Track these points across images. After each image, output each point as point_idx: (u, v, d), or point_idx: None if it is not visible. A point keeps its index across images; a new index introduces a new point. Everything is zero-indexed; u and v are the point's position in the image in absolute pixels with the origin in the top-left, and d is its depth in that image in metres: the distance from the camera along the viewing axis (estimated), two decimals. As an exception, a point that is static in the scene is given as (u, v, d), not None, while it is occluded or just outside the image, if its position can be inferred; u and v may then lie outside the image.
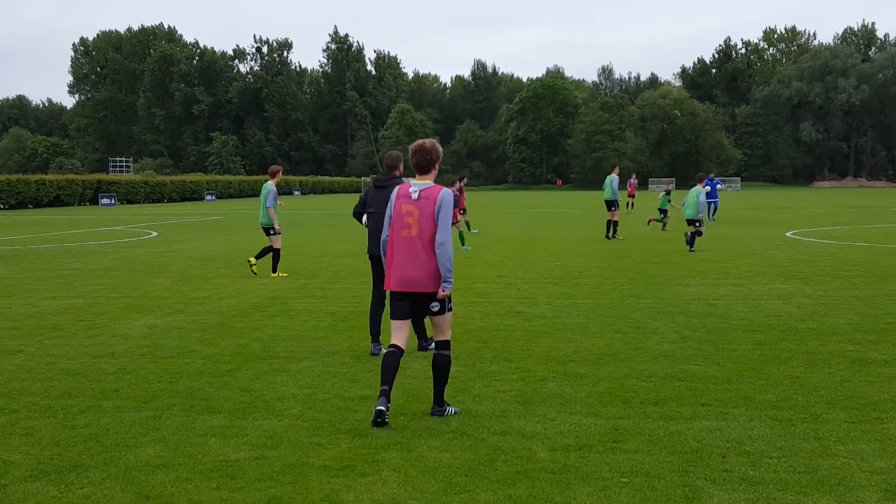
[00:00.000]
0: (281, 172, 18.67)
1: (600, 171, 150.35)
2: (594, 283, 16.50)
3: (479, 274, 18.19)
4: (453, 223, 19.32)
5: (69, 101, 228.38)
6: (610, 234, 28.70)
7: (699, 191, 24.36)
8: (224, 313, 13.28)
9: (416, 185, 7.45)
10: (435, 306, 7.41)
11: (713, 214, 40.75)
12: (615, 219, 28.78)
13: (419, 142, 7.63)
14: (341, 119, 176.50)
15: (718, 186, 42.77)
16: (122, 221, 44.55)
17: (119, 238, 31.24)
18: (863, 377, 8.65)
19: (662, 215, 33.93)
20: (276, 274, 18.27)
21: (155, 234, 33.76)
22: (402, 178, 9.84)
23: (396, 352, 7.40)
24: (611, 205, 28.65)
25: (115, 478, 5.99)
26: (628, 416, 7.35)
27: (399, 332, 7.50)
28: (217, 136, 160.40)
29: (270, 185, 18.17)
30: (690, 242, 23.42)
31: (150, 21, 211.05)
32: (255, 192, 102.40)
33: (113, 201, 71.82)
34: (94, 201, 72.60)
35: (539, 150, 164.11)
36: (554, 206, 66.09)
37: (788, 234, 29.98)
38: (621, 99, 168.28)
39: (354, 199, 59.21)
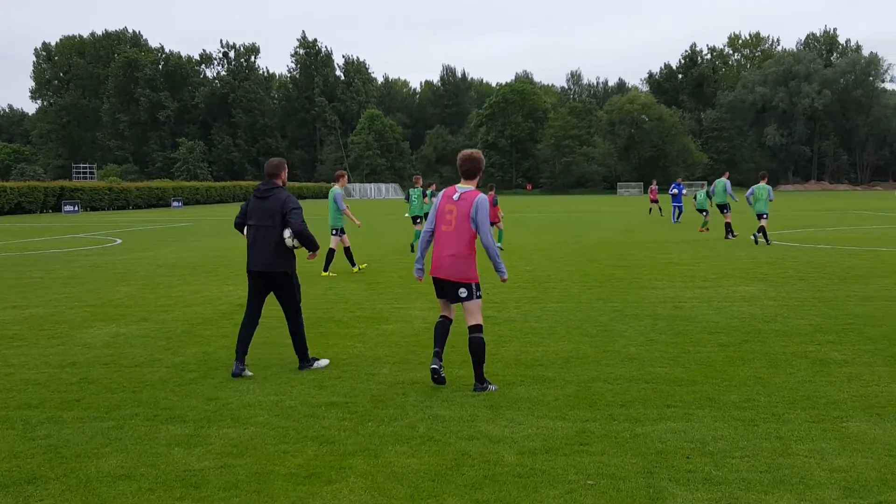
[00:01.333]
0: (346, 178, 20.17)
1: (569, 176, 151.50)
2: (563, 287, 16.56)
3: (446, 279, 18.19)
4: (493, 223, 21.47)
5: (31, 107, 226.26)
6: (729, 235, 29.86)
7: (766, 187, 26.71)
8: (190, 321, 13.21)
9: (459, 189, 8.72)
10: (463, 292, 8.60)
11: (678, 218, 41.49)
12: (727, 220, 30.17)
13: (469, 151, 8.86)
14: (310, 124, 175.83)
15: (684, 192, 43.46)
16: (86, 229, 44.18)
17: (82, 246, 30.98)
18: (823, 377, 8.75)
19: (703, 214, 35.47)
20: (329, 272, 19.28)
21: (119, 241, 33.50)
22: (285, 187, 9.63)
23: (445, 321, 8.87)
24: (723, 207, 30.42)
25: (75, 490, 5.91)
26: (595, 419, 7.39)
27: (445, 307, 8.94)
28: (183, 141, 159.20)
29: (337, 189, 19.43)
30: (763, 234, 26.17)
31: (114, 26, 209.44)
32: (222, 199, 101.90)
33: (76, 208, 71.22)
34: (57, 208, 71.87)
35: (509, 155, 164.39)
36: (524, 210, 66.19)
37: (753, 236, 30.17)
38: (590, 104, 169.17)
39: (323, 204, 58.99)
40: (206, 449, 6.77)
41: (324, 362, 9.69)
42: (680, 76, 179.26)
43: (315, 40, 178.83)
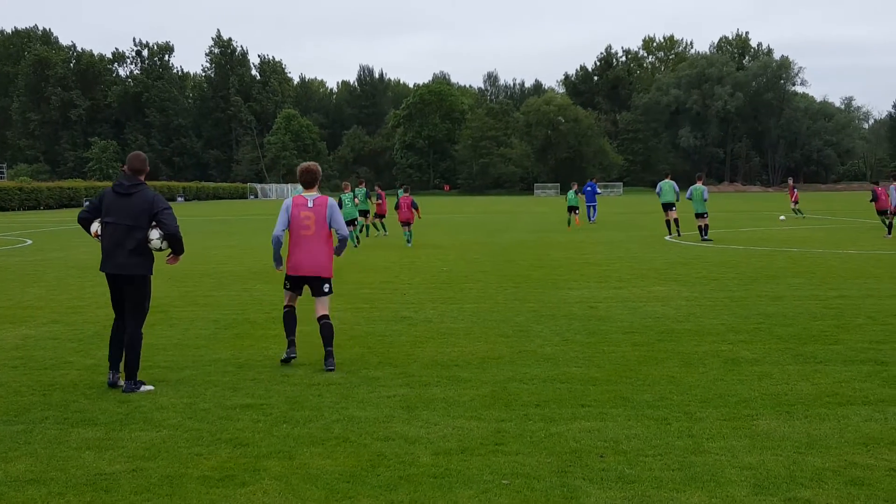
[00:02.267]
0: (349, 188, 23.95)
1: (487, 177, 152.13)
2: (480, 288, 16.64)
3: (365, 279, 18.17)
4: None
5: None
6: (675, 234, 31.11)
7: (702, 188, 29.40)
8: (102, 323, 12.93)
9: (308, 196, 9.87)
10: (326, 287, 9.91)
11: (593, 216, 42.52)
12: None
13: (307, 164, 10.10)
14: (226, 124, 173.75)
15: (598, 191, 44.48)
16: (-4, 229, 43.05)
17: (-8, 247, 30.20)
18: (735, 376, 8.93)
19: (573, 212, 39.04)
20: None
21: (30, 241, 32.75)
22: (147, 184, 9.00)
23: (293, 311, 10.13)
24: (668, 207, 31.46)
25: (-17, 494, 5.78)
26: (510, 419, 7.43)
27: (293, 299, 10.21)
28: (96, 141, 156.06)
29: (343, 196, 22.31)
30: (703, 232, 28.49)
31: (23, 23, 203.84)
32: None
33: (-15, 209, 69.40)
34: (-35, 209, 70.00)
35: (426, 155, 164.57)
36: (441, 211, 66.33)
37: (667, 237, 30.72)
38: (507, 105, 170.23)
39: (240, 205, 58.50)
40: (117, 452, 6.66)
41: (148, 388, 8.65)
42: (595, 78, 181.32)
43: (230, 39, 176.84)
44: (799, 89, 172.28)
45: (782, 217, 43.46)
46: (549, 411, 7.66)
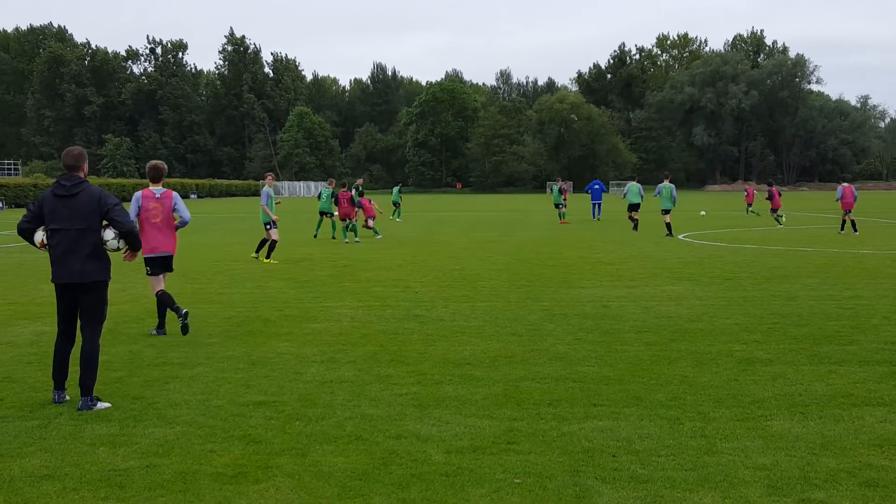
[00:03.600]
0: (272, 177, 23.82)
1: (499, 175, 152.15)
2: (492, 286, 16.63)
3: (377, 277, 18.18)
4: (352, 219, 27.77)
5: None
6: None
7: (670, 186, 30.98)
8: (116, 319, 12.98)
9: (156, 190, 11.67)
10: (172, 263, 11.95)
11: (598, 214, 45.11)
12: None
13: (154, 162, 11.79)
14: (238, 122, 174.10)
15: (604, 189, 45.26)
16: (10, 225, 43.18)
17: (6, 243, 30.31)
18: (748, 376, 8.90)
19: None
20: (269, 260, 21.92)
21: (44, 238, 32.78)
22: (87, 179, 8.20)
23: (165, 293, 11.69)
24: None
25: (-2, 490, 5.82)
26: (522, 418, 7.43)
27: (158, 283, 11.73)
28: (110, 138, 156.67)
29: (266, 188, 22.48)
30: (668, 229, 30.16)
31: (39, 20, 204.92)
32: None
33: (1, 205, 69.65)
34: (-19, 205, 70.30)
35: (439, 153, 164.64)
36: (453, 209, 66.37)
37: (680, 236, 30.67)
38: (519, 103, 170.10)
39: (253, 202, 58.53)
40: (131, 448, 6.68)
41: (105, 405, 7.94)
42: (609, 76, 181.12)
43: (243, 37, 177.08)
44: (814, 87, 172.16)
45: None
46: (561, 410, 7.66)
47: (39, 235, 8.25)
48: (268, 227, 21.97)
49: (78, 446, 6.75)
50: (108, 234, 8.14)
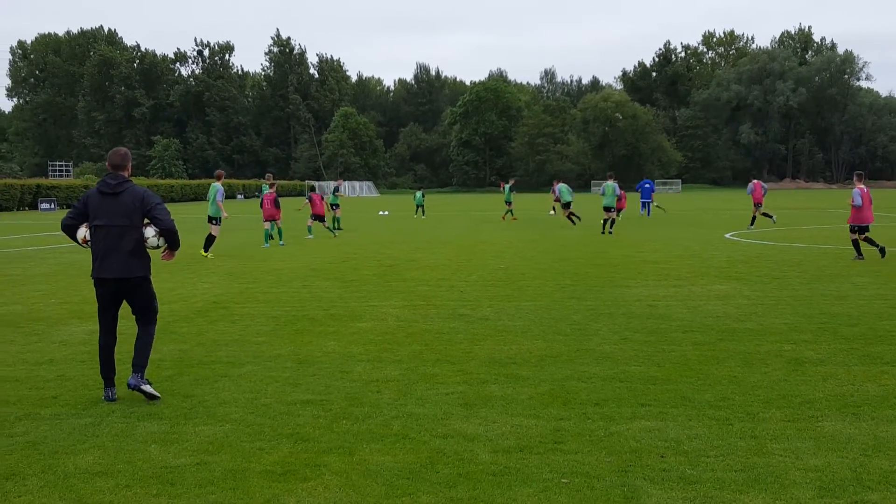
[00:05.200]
0: (224, 175, 25.09)
1: (543, 174, 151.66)
2: (537, 286, 16.60)
3: (422, 277, 18.22)
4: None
5: (7, 105, 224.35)
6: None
7: (613, 185, 32.65)
8: (166, 318, 13.13)
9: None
10: None
11: (647, 212, 46.64)
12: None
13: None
14: (284, 122, 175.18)
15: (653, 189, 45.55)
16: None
17: (59, 243, 30.73)
18: (798, 376, 8.81)
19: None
20: (207, 254, 23.03)
21: (94, 238, 33.23)
22: (132, 180, 8.54)
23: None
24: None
25: (53, 486, 5.92)
26: (569, 418, 7.42)
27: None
28: (158, 139, 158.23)
29: (219, 185, 24.03)
30: (610, 225, 31.75)
31: (89, 23, 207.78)
32: (197, 197, 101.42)
33: (52, 206, 70.71)
34: (34, 206, 71.36)
35: (482, 153, 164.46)
36: (497, 208, 66.18)
37: (727, 235, 30.41)
38: (563, 102, 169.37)
39: (297, 202, 58.88)
40: (182, 446, 6.77)
41: (153, 391, 8.23)
42: (654, 74, 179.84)
43: (289, 38, 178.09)
44: (863, 84, 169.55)
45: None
46: (608, 410, 7.63)
47: (82, 232, 8.47)
48: (213, 222, 23.92)
49: (130, 443, 6.85)
50: (149, 232, 8.35)
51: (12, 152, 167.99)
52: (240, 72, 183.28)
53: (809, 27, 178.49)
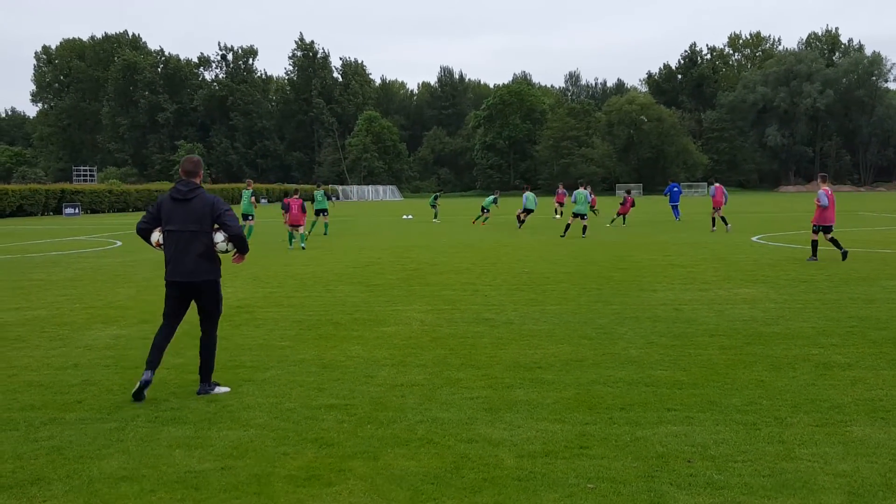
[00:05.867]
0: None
1: (568, 177, 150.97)
2: (561, 290, 16.53)
3: (446, 281, 18.19)
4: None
5: (32, 110, 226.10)
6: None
7: (584, 192, 34.03)
8: (189, 322, 13.05)
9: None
10: None
11: (678, 216, 46.52)
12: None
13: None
14: (308, 127, 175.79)
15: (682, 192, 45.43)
16: (86, 231, 44.16)
17: (83, 248, 30.97)
18: (827, 381, 8.72)
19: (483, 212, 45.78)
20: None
21: (119, 243, 33.48)
22: (203, 187, 8.82)
23: None
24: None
25: (78, 490, 5.93)
26: (595, 422, 7.37)
27: None
28: (182, 144, 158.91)
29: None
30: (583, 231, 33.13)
31: (113, 28, 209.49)
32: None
33: (77, 210, 71.25)
34: (58, 211, 71.90)
35: (507, 156, 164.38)
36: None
37: (754, 238, 30.22)
38: (588, 105, 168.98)
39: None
40: (206, 451, 6.77)
41: (224, 389, 8.79)
42: (679, 76, 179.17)
43: (312, 42, 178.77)
44: (892, 86, 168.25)
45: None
46: (634, 415, 7.58)
47: (156, 236, 8.79)
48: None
49: (155, 448, 6.86)
50: (219, 237, 8.66)
51: (37, 157, 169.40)
52: (263, 76, 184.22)
53: (837, 28, 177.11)
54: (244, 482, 6.03)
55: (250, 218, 32.97)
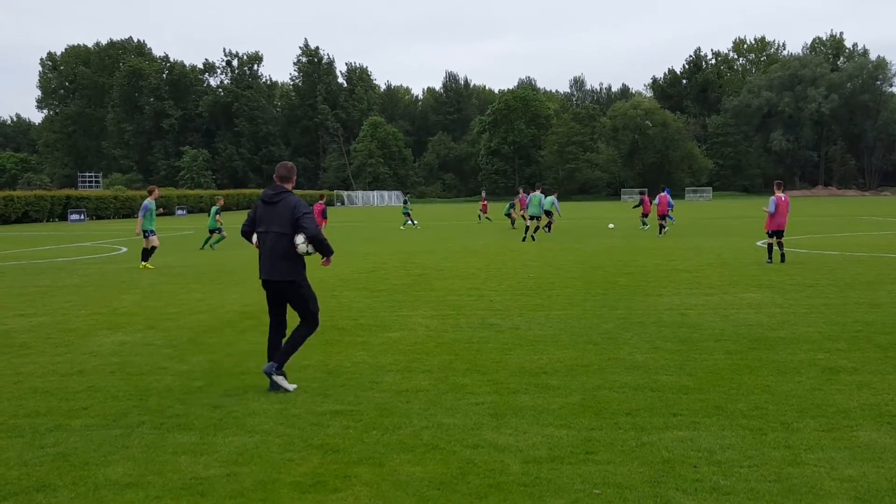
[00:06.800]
0: (157, 190, 25.89)
1: (573, 182, 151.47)
2: (567, 295, 16.53)
3: (451, 286, 18.19)
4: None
5: (37, 117, 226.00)
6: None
7: (539, 196, 35.69)
8: (195, 329, 13.20)
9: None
10: None
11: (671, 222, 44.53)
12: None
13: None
14: (313, 132, 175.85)
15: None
16: (92, 237, 44.23)
17: (88, 254, 31.02)
18: (833, 385, 8.70)
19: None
20: (145, 265, 23.66)
21: (125, 249, 33.51)
22: (292, 192, 9.27)
23: None
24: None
25: (83, 497, 5.93)
26: (600, 428, 7.36)
27: None
28: (187, 150, 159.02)
29: (147, 201, 24.50)
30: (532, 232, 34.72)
31: (118, 35, 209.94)
32: (226, 207, 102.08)
33: (82, 217, 71.40)
34: (63, 217, 72.08)
35: (511, 161, 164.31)
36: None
37: (759, 243, 30.17)
38: (593, 110, 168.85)
39: (329, 212, 58.98)
40: (212, 457, 6.76)
41: (289, 386, 9.03)
42: (684, 81, 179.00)
43: (317, 48, 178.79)
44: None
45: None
46: (640, 420, 7.57)
47: (255, 237, 9.37)
48: (147, 234, 24.05)
49: (160, 455, 6.85)
50: (299, 239, 9.02)
51: (42, 164, 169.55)
52: (268, 82, 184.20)
53: (841, 33, 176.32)
54: (250, 488, 6.03)
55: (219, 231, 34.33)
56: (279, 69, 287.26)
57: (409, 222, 50.12)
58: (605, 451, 6.73)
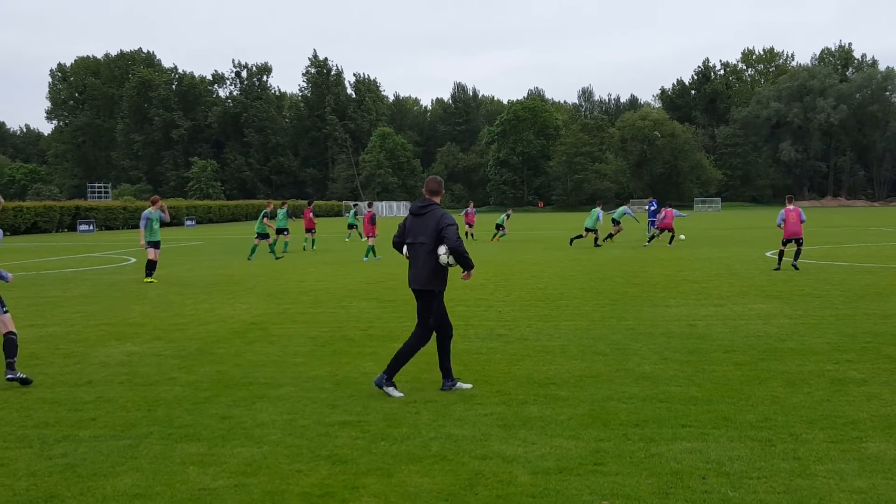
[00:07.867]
0: (160, 201, 24.65)
1: (581, 193, 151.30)
2: (575, 305, 16.51)
3: (459, 297, 18.17)
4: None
5: (47, 128, 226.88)
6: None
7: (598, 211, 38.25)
8: (203, 339, 13.21)
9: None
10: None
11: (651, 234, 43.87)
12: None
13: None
14: (322, 143, 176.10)
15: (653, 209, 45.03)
16: (101, 248, 44.30)
17: (97, 265, 31.08)
18: (842, 396, 8.68)
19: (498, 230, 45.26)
20: (149, 279, 23.06)
21: (133, 260, 33.56)
22: (439, 204, 9.56)
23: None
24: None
25: (91, 508, 5.93)
26: (609, 439, 7.34)
27: None
28: (196, 160, 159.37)
29: (145, 212, 23.84)
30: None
31: (128, 46, 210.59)
32: (235, 217, 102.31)
33: (91, 227, 71.52)
34: (73, 228, 72.17)
35: (520, 172, 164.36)
36: (535, 228, 66.15)
37: (768, 253, 30.13)
38: (601, 121, 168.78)
39: (336, 222, 59.14)
40: (220, 468, 6.77)
41: (397, 393, 9.21)
42: (693, 92, 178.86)
43: (326, 59, 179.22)
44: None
45: (682, 236, 41.51)
46: (648, 431, 7.55)
47: (405, 249, 9.70)
48: (147, 246, 23.63)
49: (168, 466, 6.86)
50: (441, 250, 9.31)
51: (52, 174, 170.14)
52: (277, 93, 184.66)
53: (850, 44, 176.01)
54: (258, 500, 6.03)
55: (286, 233, 36.21)
56: (288, 80, 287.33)
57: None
58: (614, 462, 6.72)
